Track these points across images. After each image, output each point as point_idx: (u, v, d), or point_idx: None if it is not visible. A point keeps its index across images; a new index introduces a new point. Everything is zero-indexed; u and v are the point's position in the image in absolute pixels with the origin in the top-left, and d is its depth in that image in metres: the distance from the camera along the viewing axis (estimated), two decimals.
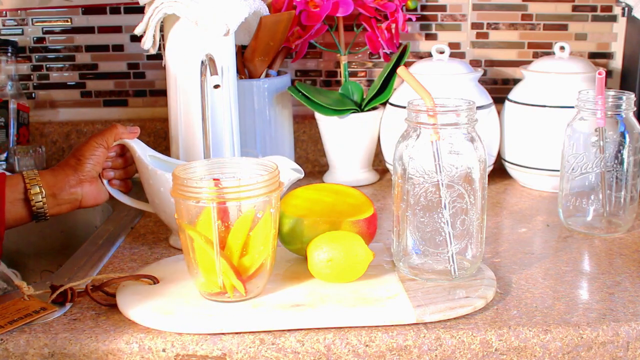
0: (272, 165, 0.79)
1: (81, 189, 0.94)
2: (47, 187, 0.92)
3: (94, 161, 0.95)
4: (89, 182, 0.95)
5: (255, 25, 1.14)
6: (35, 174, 0.92)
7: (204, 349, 0.72)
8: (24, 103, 1.34)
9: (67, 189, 0.93)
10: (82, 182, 0.94)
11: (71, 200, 0.94)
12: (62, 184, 0.93)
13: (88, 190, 0.95)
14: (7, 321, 0.74)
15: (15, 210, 0.91)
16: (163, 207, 0.95)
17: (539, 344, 0.73)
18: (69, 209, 0.95)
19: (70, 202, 0.94)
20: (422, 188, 0.81)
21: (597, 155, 1.00)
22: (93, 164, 0.95)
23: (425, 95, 0.81)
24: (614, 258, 0.93)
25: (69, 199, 0.94)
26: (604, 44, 1.38)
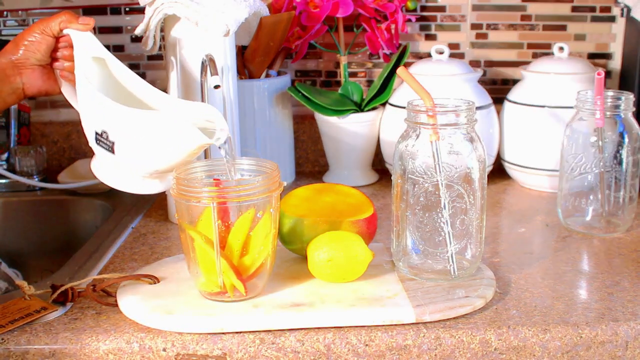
0: (272, 165, 0.79)
1: (20, 77, 0.89)
2: None
3: (32, 48, 0.88)
4: (30, 69, 0.89)
5: (255, 26, 1.14)
6: None
7: (204, 348, 0.72)
8: (24, 103, 1.35)
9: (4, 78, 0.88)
10: (19, 69, 0.88)
11: (14, 90, 0.89)
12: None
13: (30, 79, 0.89)
14: (8, 320, 0.74)
15: None
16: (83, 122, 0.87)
17: (538, 343, 0.74)
18: (15, 100, 0.90)
19: (14, 92, 0.89)
20: (422, 188, 0.82)
21: (596, 155, 1.01)
22: (32, 52, 0.88)
23: (424, 96, 0.81)
24: (612, 258, 0.93)
25: (9, 89, 0.88)
26: (603, 45, 1.38)
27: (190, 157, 0.79)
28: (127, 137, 0.80)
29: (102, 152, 0.83)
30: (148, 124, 0.78)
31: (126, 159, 0.81)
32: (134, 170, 0.82)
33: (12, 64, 0.88)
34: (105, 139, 0.81)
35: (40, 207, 1.26)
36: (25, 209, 1.26)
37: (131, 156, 0.81)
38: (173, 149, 0.78)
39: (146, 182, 0.84)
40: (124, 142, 0.80)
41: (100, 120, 0.82)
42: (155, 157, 0.80)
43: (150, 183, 0.85)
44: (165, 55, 1.03)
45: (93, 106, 0.83)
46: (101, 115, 0.82)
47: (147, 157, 0.80)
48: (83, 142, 1.38)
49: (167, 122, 0.78)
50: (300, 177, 1.33)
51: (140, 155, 0.80)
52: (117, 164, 0.83)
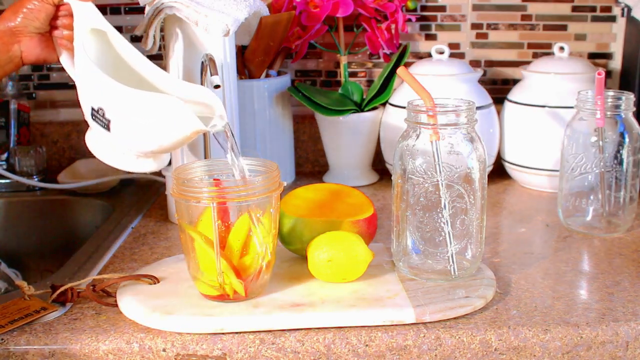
0: (272, 165, 0.79)
1: (19, 45, 0.87)
2: None
3: (31, 15, 0.86)
4: (29, 37, 0.87)
5: (255, 26, 1.14)
6: None
7: (204, 348, 0.72)
8: (24, 103, 1.35)
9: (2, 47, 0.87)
10: (17, 36, 0.87)
11: (11, 58, 0.88)
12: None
13: (29, 46, 0.88)
14: (7, 321, 0.74)
15: None
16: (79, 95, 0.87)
17: (539, 343, 0.74)
18: (12, 68, 0.89)
19: (11, 60, 0.88)
20: (422, 188, 0.82)
21: (597, 155, 1.01)
22: (29, 19, 0.87)
23: (424, 96, 0.81)
24: (613, 258, 0.93)
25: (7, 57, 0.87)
26: (604, 44, 1.38)
27: (185, 141, 0.77)
28: (123, 116, 0.78)
29: (98, 128, 0.82)
30: (144, 104, 0.77)
31: (121, 138, 0.80)
32: (128, 149, 0.82)
33: (10, 32, 0.87)
34: (102, 116, 0.80)
35: (40, 207, 1.26)
36: (25, 209, 1.26)
37: (126, 136, 0.79)
38: (168, 132, 0.77)
39: (140, 161, 0.84)
40: (119, 121, 0.79)
41: (97, 97, 0.81)
42: (149, 139, 0.78)
43: (144, 162, 0.84)
44: (165, 55, 1.03)
45: (90, 81, 0.81)
46: (98, 92, 0.80)
47: (142, 138, 0.78)
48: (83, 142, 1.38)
49: (164, 104, 0.76)
50: (300, 177, 1.33)
51: (135, 136, 0.79)
52: (112, 141, 0.82)
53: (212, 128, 0.78)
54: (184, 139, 0.77)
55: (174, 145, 0.78)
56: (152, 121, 0.77)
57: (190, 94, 0.81)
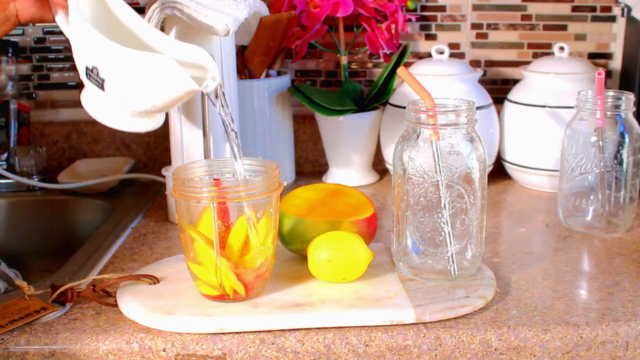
0: (272, 165, 0.79)
1: (14, 3, 0.87)
2: None
3: None
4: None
5: (255, 26, 1.14)
6: None
7: (204, 348, 0.72)
8: (24, 103, 1.35)
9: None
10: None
11: (7, 17, 0.87)
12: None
13: (24, 5, 0.87)
14: (7, 321, 0.74)
15: None
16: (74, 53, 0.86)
17: (539, 343, 0.74)
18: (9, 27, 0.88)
19: (7, 19, 0.87)
20: (422, 188, 0.82)
21: (597, 155, 1.01)
22: None
23: (424, 96, 0.81)
24: (613, 258, 0.93)
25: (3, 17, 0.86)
26: (604, 44, 1.38)
27: (178, 101, 0.77)
28: (117, 76, 0.78)
29: (92, 88, 0.81)
30: (137, 64, 0.76)
31: (115, 97, 0.79)
32: (123, 109, 0.81)
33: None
34: (96, 75, 0.79)
35: (40, 207, 1.26)
36: (25, 209, 1.26)
37: (120, 95, 0.79)
38: (161, 92, 0.76)
39: (135, 121, 0.83)
40: (113, 80, 0.78)
41: (90, 55, 0.80)
42: (143, 99, 0.78)
43: (139, 121, 0.84)
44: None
45: (85, 40, 0.80)
46: (92, 50, 0.80)
47: (135, 98, 0.78)
48: (83, 142, 1.39)
49: (157, 63, 0.75)
50: (300, 177, 1.33)
51: (129, 95, 0.78)
52: (107, 101, 0.81)
53: (204, 88, 0.77)
54: (177, 99, 0.76)
55: (168, 105, 0.78)
56: (145, 81, 0.76)
57: (185, 55, 0.80)
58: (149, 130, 0.85)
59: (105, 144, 1.39)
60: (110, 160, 1.36)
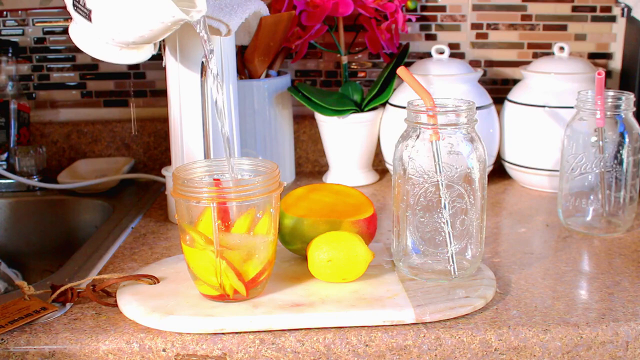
0: (272, 165, 0.79)
1: None
2: None
3: None
4: None
5: (255, 26, 1.14)
6: None
7: (204, 348, 0.72)
8: (24, 103, 1.35)
9: None
10: None
11: None
12: None
13: None
14: (7, 321, 0.74)
15: None
16: None
17: (539, 343, 0.74)
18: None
19: None
20: (422, 188, 0.82)
21: (597, 155, 1.01)
22: None
23: (424, 96, 0.81)
24: (613, 258, 0.93)
25: None
26: (604, 44, 1.38)
27: (165, 31, 0.76)
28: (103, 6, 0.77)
29: (80, 20, 0.80)
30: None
31: (102, 28, 0.78)
32: (110, 39, 0.80)
33: None
34: (83, 5, 0.79)
35: (40, 207, 1.26)
36: (25, 209, 1.26)
37: (107, 26, 0.78)
38: (148, 21, 0.76)
39: (124, 52, 0.83)
40: (100, 11, 0.77)
41: None
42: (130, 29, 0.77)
43: (128, 53, 0.83)
44: (165, 55, 1.03)
45: None
46: None
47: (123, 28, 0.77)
48: (83, 142, 1.39)
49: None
50: (300, 177, 1.33)
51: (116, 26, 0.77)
52: (94, 32, 0.80)
53: (190, 17, 0.77)
54: (164, 29, 0.76)
55: (155, 35, 0.77)
56: (132, 10, 0.75)
57: None
58: (137, 62, 0.84)
59: (105, 144, 1.39)
60: (110, 160, 1.36)
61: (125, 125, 1.38)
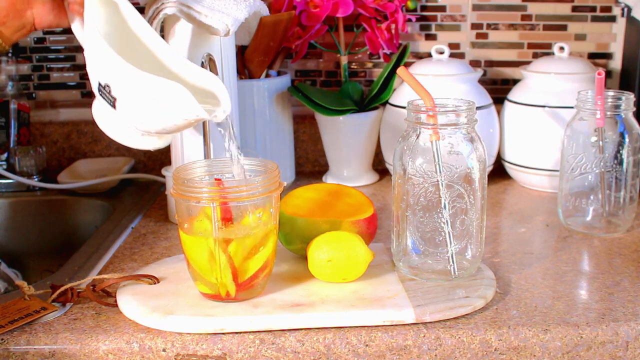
0: (272, 165, 0.79)
1: (31, 10, 0.86)
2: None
3: None
4: (41, 2, 0.87)
5: (255, 26, 1.14)
6: None
7: (204, 348, 0.72)
8: (24, 103, 1.35)
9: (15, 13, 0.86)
10: (30, 2, 0.86)
11: (24, 24, 0.87)
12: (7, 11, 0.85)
13: (41, 12, 0.87)
14: (7, 321, 0.74)
15: None
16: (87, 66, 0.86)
17: (539, 343, 0.74)
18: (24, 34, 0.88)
19: (24, 26, 0.87)
20: (422, 188, 0.82)
21: (597, 155, 1.01)
22: None
23: (424, 96, 0.81)
24: (613, 258, 0.93)
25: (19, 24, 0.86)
26: (604, 44, 1.38)
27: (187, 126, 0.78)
28: (129, 96, 0.78)
29: (104, 104, 0.81)
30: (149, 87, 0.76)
31: (126, 117, 0.80)
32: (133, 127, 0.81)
33: None
34: (108, 92, 0.80)
35: (40, 207, 1.26)
36: (25, 209, 1.26)
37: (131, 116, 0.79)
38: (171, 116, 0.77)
39: (144, 139, 0.85)
40: (125, 100, 0.79)
41: (104, 72, 0.80)
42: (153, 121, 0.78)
43: (149, 140, 0.85)
44: None
45: (99, 56, 0.81)
46: (106, 68, 0.80)
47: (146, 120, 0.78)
48: (83, 142, 1.39)
49: (168, 90, 0.75)
50: (300, 177, 1.33)
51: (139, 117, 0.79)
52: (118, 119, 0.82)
53: (214, 118, 0.78)
54: (186, 125, 0.78)
55: (177, 128, 0.79)
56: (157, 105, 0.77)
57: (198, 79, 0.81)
58: (158, 148, 0.87)
59: (105, 144, 1.39)
60: (110, 160, 1.36)
61: None
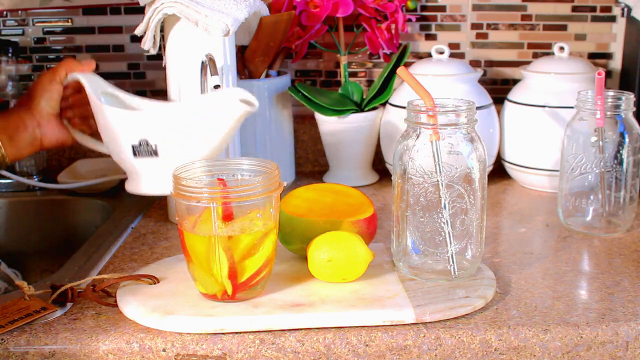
0: (272, 165, 0.79)
1: (39, 129, 0.90)
2: (1, 130, 0.89)
3: (47, 97, 0.90)
4: (47, 120, 0.91)
5: (255, 26, 1.14)
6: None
7: (204, 348, 0.72)
8: None
9: (23, 131, 0.90)
10: (38, 121, 0.90)
11: (31, 142, 0.90)
12: (16, 125, 0.89)
13: (47, 130, 0.91)
14: (7, 321, 0.74)
15: None
16: (114, 146, 0.91)
17: (539, 343, 0.74)
18: (30, 151, 0.92)
19: (31, 144, 0.91)
20: (422, 188, 0.82)
21: (597, 155, 1.01)
22: (47, 101, 0.90)
23: (424, 96, 0.81)
24: (613, 258, 0.93)
25: (27, 141, 0.90)
26: (604, 44, 1.38)
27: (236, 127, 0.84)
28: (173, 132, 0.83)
29: (144, 162, 0.87)
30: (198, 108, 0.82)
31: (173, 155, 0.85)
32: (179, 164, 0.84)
33: (31, 115, 0.91)
34: (146, 145, 0.86)
35: (40, 207, 1.26)
36: (25, 209, 1.26)
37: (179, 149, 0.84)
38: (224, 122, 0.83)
39: None
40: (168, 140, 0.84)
41: (135, 133, 0.86)
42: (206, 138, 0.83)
43: None
44: (165, 55, 1.03)
45: (124, 123, 0.87)
46: (136, 127, 0.86)
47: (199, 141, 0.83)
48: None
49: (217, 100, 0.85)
50: (300, 177, 1.33)
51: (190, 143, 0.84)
52: (163, 165, 0.86)
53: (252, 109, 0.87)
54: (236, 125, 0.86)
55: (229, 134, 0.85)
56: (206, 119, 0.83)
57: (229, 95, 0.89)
58: None
59: None
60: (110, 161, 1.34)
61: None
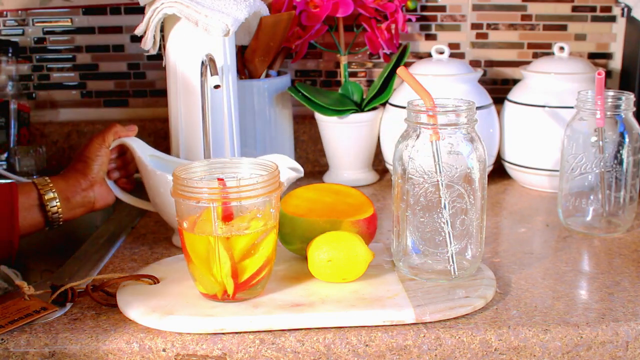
0: (272, 165, 0.79)
1: (92, 191, 0.96)
2: (60, 192, 0.94)
3: (100, 162, 0.96)
4: (99, 183, 0.97)
5: (255, 26, 1.14)
6: (47, 180, 0.94)
7: (204, 348, 0.72)
8: (24, 103, 1.35)
9: (79, 193, 0.95)
10: (92, 184, 0.96)
11: (84, 204, 0.96)
12: (74, 188, 0.95)
13: (99, 192, 0.97)
14: (7, 321, 0.74)
15: (31, 217, 0.93)
16: (164, 207, 0.96)
17: (539, 343, 0.74)
18: (83, 212, 0.97)
19: (84, 205, 0.96)
20: (422, 188, 0.82)
21: (597, 155, 1.01)
22: (99, 165, 0.96)
23: (424, 96, 0.81)
24: (613, 258, 0.93)
25: (82, 202, 0.96)
26: (604, 44, 1.38)
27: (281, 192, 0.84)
28: None
29: None
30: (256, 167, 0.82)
31: None
32: None
33: (86, 178, 0.96)
34: None
35: None
36: None
37: None
38: None
39: None
40: None
41: None
42: None
43: None
44: (165, 55, 1.03)
45: None
46: None
47: None
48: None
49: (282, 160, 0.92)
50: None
51: None
52: None
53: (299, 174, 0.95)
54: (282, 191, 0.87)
55: None
56: None
57: None
58: None
59: None
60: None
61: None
